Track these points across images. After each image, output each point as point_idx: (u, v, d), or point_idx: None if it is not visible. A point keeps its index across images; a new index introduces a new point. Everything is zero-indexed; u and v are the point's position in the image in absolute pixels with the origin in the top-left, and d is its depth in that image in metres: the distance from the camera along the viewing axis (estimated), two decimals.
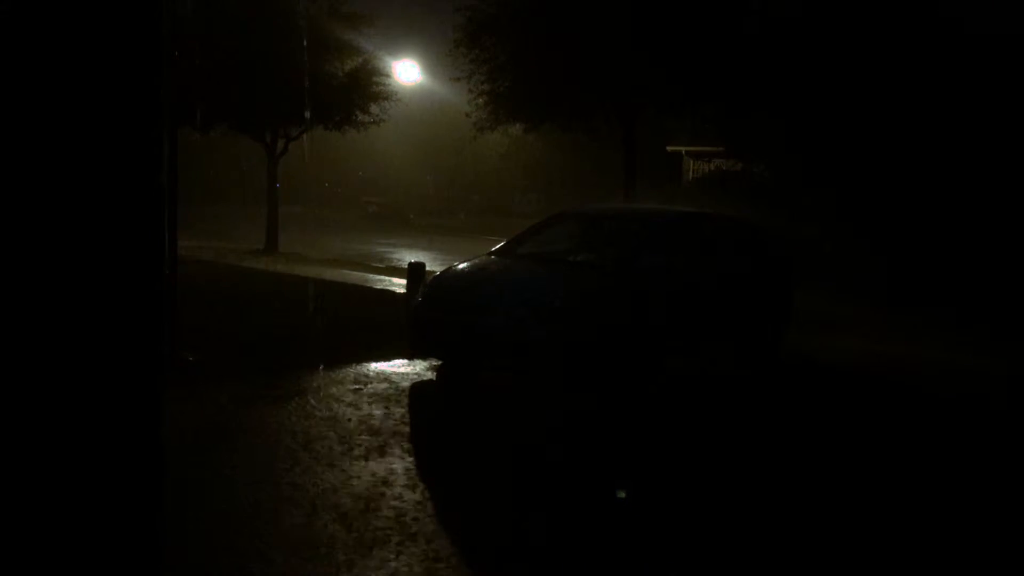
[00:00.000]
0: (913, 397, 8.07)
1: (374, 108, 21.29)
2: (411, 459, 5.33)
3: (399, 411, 6.43)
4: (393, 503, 4.56)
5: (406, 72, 30.21)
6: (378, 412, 6.35)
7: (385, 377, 7.51)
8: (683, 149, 26.24)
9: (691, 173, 25.95)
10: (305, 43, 17.39)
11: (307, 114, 18.50)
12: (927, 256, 15.22)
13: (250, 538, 4.05)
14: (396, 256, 21.02)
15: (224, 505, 4.47)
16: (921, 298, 13.67)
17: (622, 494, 4.14)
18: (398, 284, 13.98)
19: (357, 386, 7.13)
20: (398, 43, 27.69)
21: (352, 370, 7.68)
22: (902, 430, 6.89)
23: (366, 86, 20.89)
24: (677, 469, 5.58)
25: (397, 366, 7.95)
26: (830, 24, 15.76)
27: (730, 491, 5.17)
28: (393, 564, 3.84)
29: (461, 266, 8.26)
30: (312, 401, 6.60)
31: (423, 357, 8.07)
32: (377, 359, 8.12)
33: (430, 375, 7.72)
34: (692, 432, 6.52)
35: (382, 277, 16.17)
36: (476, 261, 8.34)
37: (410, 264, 9.61)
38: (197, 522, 4.19)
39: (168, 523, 1.99)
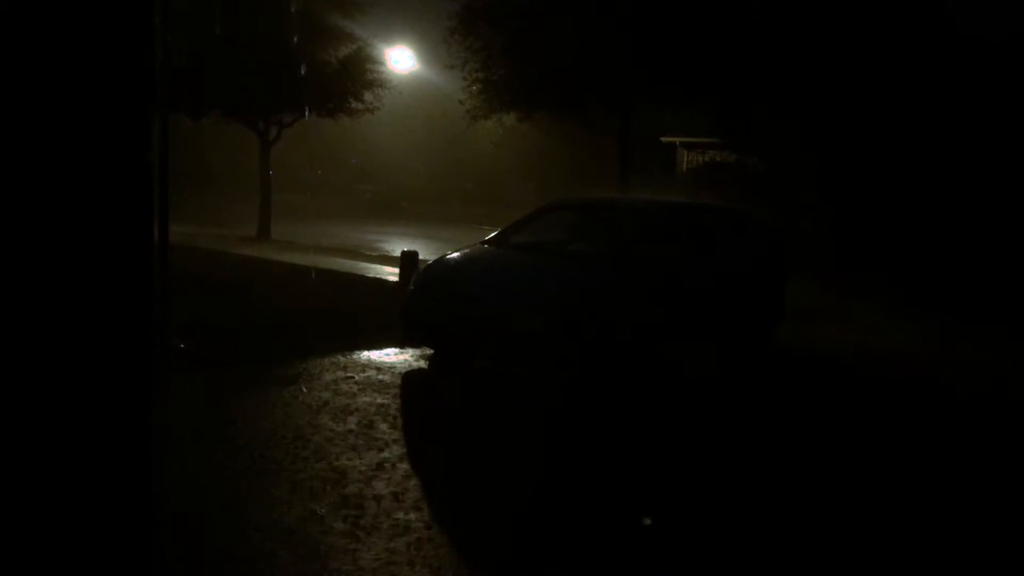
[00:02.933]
0: (901, 389, 8.09)
1: (368, 96, 21.22)
2: (403, 448, 5.32)
3: (392, 399, 6.41)
4: (386, 492, 4.55)
5: (400, 60, 30.05)
6: (370, 400, 6.33)
7: (377, 365, 7.49)
8: (677, 140, 26.18)
9: (685, 164, 25.92)
10: (295, 28, 17.31)
11: (305, 101, 18.40)
12: (920, 251, 15.27)
13: (240, 527, 4.03)
14: (389, 244, 20.97)
15: (213, 495, 4.45)
16: (914, 292, 13.71)
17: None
18: (391, 272, 13.95)
19: (349, 374, 7.11)
20: (392, 30, 27.55)
21: (344, 358, 7.66)
22: (887, 420, 6.90)
23: (360, 73, 20.81)
24: (666, 456, 5.58)
25: (390, 355, 7.93)
26: (828, 20, 15.74)
27: (716, 479, 5.17)
28: (387, 552, 3.83)
29: (454, 255, 8.24)
30: (304, 389, 6.57)
31: (415, 346, 8.06)
32: (370, 347, 8.10)
33: (422, 364, 7.70)
34: (682, 420, 6.52)
35: (375, 265, 16.13)
36: (469, 250, 8.31)
37: (403, 253, 9.60)
38: (186, 511, 4.17)
39: (157, 513, 1.97)
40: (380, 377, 7.08)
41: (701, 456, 5.69)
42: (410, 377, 7.23)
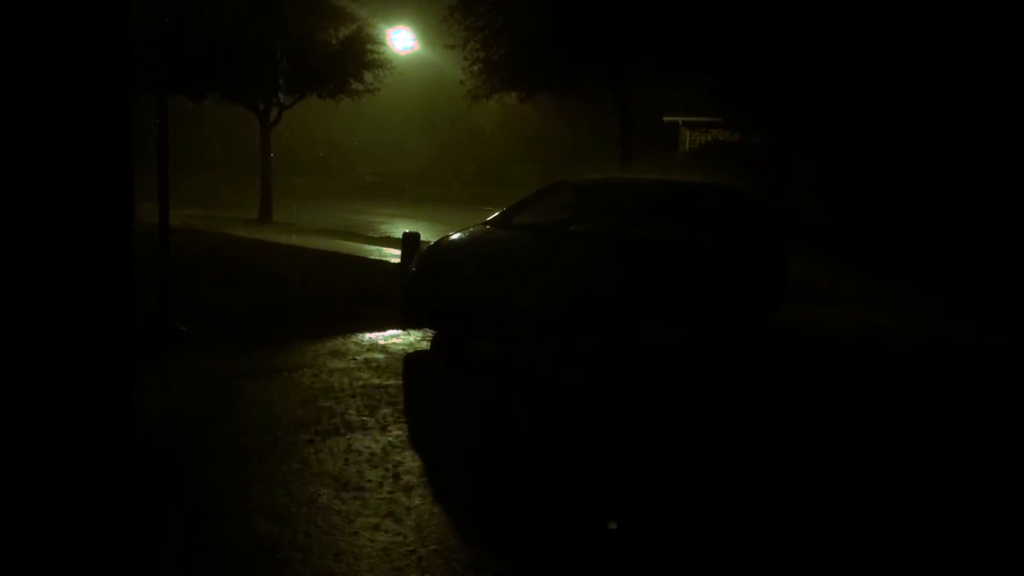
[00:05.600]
0: (904, 368, 8.08)
1: (368, 76, 21.10)
2: (406, 429, 5.33)
3: (394, 381, 6.42)
4: (388, 473, 4.56)
5: (401, 40, 29.90)
6: (372, 382, 6.34)
7: (379, 347, 7.49)
8: (680, 119, 26.08)
9: (688, 143, 25.83)
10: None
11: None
12: (923, 229, 15.22)
13: (242, 511, 4.04)
14: (390, 226, 20.94)
15: (214, 477, 4.46)
16: (916, 271, 13.67)
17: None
18: (393, 254, 13.93)
19: (352, 356, 7.11)
20: (392, 10, 27.34)
21: (346, 340, 7.66)
22: (888, 399, 6.90)
23: (360, 54, 20.67)
24: (665, 438, 5.59)
25: (391, 336, 7.93)
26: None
27: (706, 463, 5.18)
28: (389, 535, 3.84)
29: (455, 236, 8.22)
30: (306, 371, 6.58)
31: (417, 327, 8.06)
32: (371, 329, 8.10)
33: (424, 345, 7.70)
34: (684, 404, 6.52)
35: (377, 247, 16.12)
36: (470, 231, 8.29)
37: (404, 234, 9.55)
38: (185, 494, 4.18)
39: (155, 495, 1.96)
40: (382, 359, 7.08)
41: (692, 431, 5.69)
42: (412, 359, 7.23)
